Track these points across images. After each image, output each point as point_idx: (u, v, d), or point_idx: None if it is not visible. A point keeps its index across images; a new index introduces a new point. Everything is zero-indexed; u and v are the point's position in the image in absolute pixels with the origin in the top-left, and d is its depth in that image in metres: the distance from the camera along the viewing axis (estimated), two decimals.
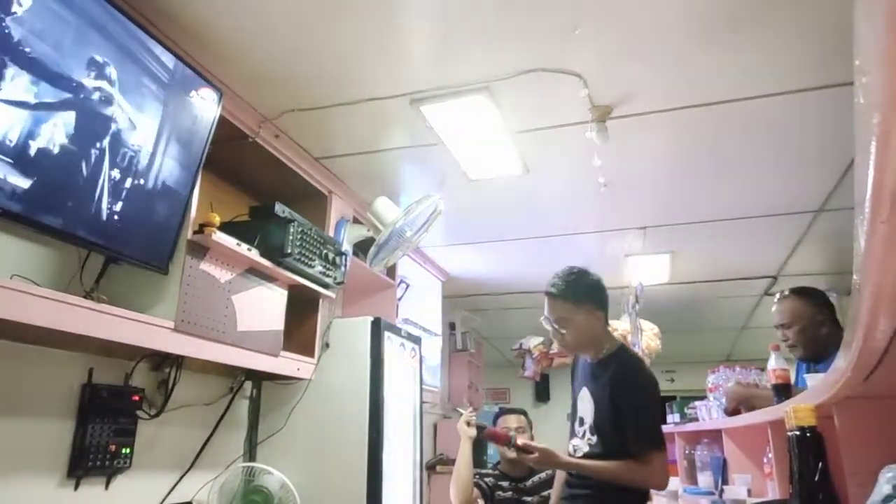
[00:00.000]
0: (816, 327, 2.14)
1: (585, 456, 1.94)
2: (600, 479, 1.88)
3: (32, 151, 1.39)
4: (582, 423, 2.01)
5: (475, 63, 2.08)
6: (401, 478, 2.79)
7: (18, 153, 1.36)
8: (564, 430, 2.13)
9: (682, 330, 5.99)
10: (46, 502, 1.73)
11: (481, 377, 5.97)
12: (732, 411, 2.20)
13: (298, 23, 1.87)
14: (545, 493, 2.59)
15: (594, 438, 1.94)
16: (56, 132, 1.44)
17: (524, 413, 2.84)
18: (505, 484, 2.66)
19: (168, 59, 1.76)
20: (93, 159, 1.55)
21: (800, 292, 2.24)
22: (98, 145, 1.56)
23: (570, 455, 2.00)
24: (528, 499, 2.63)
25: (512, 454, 2.42)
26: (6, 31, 1.30)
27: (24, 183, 1.37)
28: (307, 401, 2.60)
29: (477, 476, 2.62)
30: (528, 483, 2.66)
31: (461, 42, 1.97)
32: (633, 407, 1.85)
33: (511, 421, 2.73)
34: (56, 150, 1.44)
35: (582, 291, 1.95)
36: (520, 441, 2.03)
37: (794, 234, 3.72)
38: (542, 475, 2.64)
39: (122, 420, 1.93)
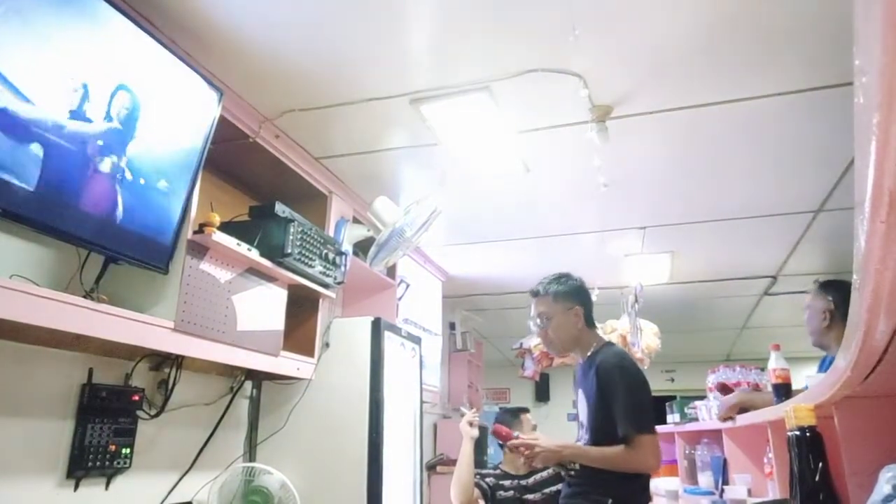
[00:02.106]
0: (819, 320, 2.22)
1: None
2: (593, 464, 1.89)
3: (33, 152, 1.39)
4: (581, 426, 2.04)
5: (475, 63, 2.08)
6: (401, 478, 2.79)
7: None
8: (564, 429, 2.14)
9: (681, 330, 6.00)
10: (46, 503, 1.72)
11: (481, 377, 5.97)
12: (728, 418, 2.20)
13: (299, 23, 1.88)
14: (547, 491, 2.59)
15: (587, 437, 1.96)
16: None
17: (528, 411, 2.85)
18: (506, 483, 2.67)
19: (168, 59, 1.76)
20: (93, 160, 1.55)
21: (821, 284, 2.29)
22: (98, 146, 1.56)
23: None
24: (530, 496, 2.63)
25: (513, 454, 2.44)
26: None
27: (25, 183, 1.37)
28: (307, 401, 2.60)
29: (478, 476, 2.62)
30: (530, 480, 2.66)
31: (461, 42, 1.97)
32: (617, 392, 1.87)
33: (526, 425, 2.71)
34: (57, 151, 1.44)
35: (560, 289, 2.08)
36: (513, 441, 2.06)
37: (793, 234, 3.72)
38: (544, 473, 2.65)
39: (121, 420, 1.92)
